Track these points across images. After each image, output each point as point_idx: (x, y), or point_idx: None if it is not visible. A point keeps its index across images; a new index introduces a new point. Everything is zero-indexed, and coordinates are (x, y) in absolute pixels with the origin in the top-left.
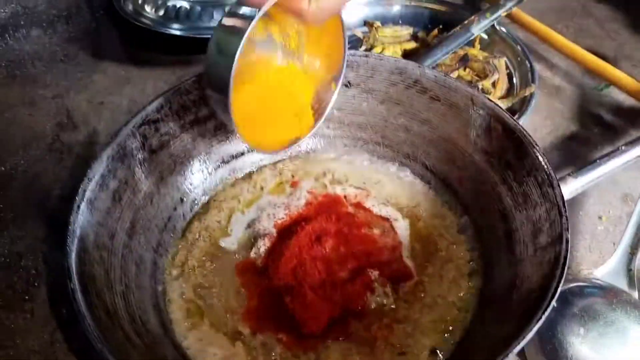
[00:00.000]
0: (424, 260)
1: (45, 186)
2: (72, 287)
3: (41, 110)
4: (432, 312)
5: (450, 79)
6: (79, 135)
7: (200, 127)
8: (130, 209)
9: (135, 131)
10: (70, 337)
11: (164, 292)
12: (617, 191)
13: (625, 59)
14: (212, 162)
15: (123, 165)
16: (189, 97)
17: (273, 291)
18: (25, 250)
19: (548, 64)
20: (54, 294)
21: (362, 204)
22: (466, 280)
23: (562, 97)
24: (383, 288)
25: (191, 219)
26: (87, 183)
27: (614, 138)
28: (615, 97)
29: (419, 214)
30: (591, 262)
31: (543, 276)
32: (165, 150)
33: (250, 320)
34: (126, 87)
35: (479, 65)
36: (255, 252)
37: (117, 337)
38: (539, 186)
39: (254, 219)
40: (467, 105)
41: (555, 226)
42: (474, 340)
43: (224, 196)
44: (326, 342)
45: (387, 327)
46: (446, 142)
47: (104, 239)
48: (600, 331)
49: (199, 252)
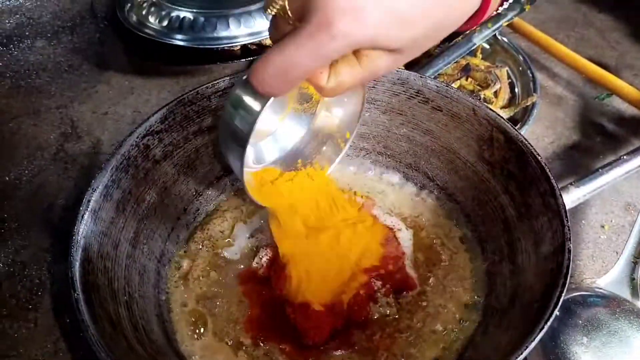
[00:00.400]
0: (427, 270)
1: (49, 196)
2: (76, 297)
3: (45, 120)
4: (435, 322)
5: (452, 89)
6: (83, 146)
7: (204, 138)
8: (134, 219)
9: (139, 142)
10: (73, 347)
11: (168, 301)
12: (620, 200)
13: (627, 69)
14: (216, 172)
15: (127, 175)
16: (192, 108)
17: (275, 301)
18: (29, 260)
19: (550, 73)
20: (57, 303)
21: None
22: (469, 290)
23: (564, 106)
24: (386, 298)
25: (194, 229)
26: (91, 193)
27: (616, 147)
28: (617, 107)
29: (422, 224)
30: (594, 271)
31: (546, 285)
32: (169, 161)
33: (252, 330)
34: (130, 97)
35: (481, 74)
36: (257, 262)
37: (121, 347)
38: (541, 196)
39: (257, 228)
40: (469, 115)
41: (558, 236)
42: (476, 350)
43: (227, 206)
44: (329, 352)
45: (389, 337)
46: (448, 152)
47: (107, 249)
48: (604, 340)
49: (202, 261)
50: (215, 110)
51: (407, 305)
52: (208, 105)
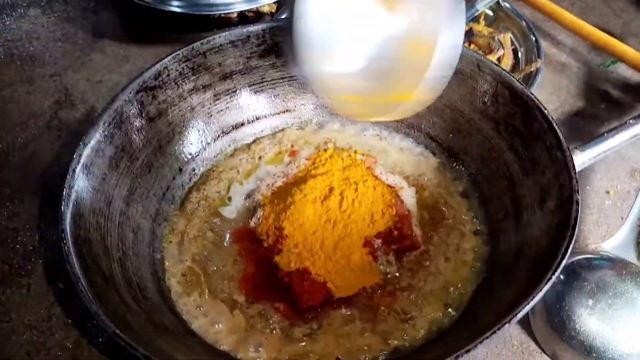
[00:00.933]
0: (431, 228)
1: (42, 163)
2: (67, 250)
3: (39, 88)
4: (437, 280)
5: None
6: (77, 113)
7: (199, 96)
8: (127, 177)
9: (133, 98)
10: (67, 312)
11: (162, 260)
12: (625, 166)
13: (632, 36)
14: (211, 132)
15: (120, 131)
16: (187, 65)
17: (270, 261)
18: (22, 227)
19: (554, 40)
20: (51, 269)
21: (371, 168)
22: (472, 248)
23: (568, 73)
24: (386, 257)
25: (190, 189)
26: (82, 148)
27: (621, 114)
28: (622, 74)
29: (424, 183)
30: (599, 236)
31: (552, 239)
32: (164, 119)
33: (246, 288)
34: (125, 65)
35: (484, 40)
36: (255, 222)
37: (114, 302)
38: (548, 150)
39: (254, 189)
40: (474, 71)
41: (565, 189)
42: (480, 307)
43: (223, 166)
44: (327, 311)
45: (390, 295)
46: (452, 110)
47: (100, 205)
48: (610, 302)
49: (199, 221)
50: (211, 68)
51: (408, 264)
52: (203, 63)
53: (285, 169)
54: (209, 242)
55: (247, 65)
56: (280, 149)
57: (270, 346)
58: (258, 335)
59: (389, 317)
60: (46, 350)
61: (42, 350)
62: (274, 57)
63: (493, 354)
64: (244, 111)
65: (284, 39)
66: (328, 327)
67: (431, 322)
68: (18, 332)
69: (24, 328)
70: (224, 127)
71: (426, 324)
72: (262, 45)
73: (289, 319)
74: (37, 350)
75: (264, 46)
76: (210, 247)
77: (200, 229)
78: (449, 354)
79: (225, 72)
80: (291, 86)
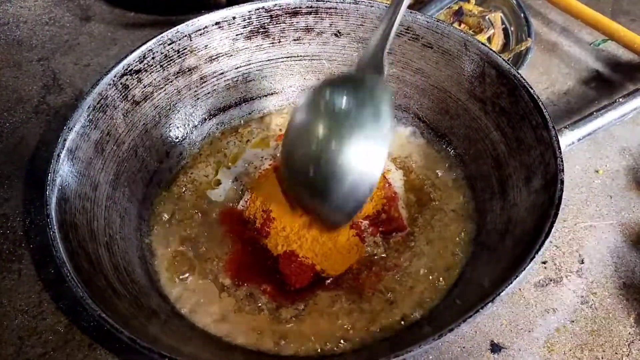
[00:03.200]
0: (417, 210)
1: (31, 148)
2: (52, 235)
3: (26, 72)
4: (423, 261)
5: (443, 24)
6: (65, 97)
7: (186, 79)
8: (113, 161)
9: (117, 81)
10: (57, 297)
11: (150, 244)
12: (614, 145)
13: (623, 14)
14: (198, 116)
15: (105, 115)
16: (172, 47)
17: (257, 242)
18: (11, 212)
19: (544, 19)
20: (41, 255)
21: None
22: (459, 228)
23: (559, 52)
24: (373, 238)
25: (177, 173)
26: (67, 132)
27: (611, 93)
28: (613, 52)
29: (411, 165)
30: (587, 215)
31: (537, 218)
32: (149, 102)
33: (233, 270)
34: (113, 48)
35: (474, 20)
36: (242, 205)
37: (100, 286)
38: (533, 130)
39: (241, 172)
40: (461, 51)
41: (550, 168)
42: (465, 285)
43: (210, 150)
44: (314, 291)
45: (375, 275)
46: (439, 91)
47: (86, 189)
48: None
49: (186, 204)
50: (197, 50)
51: (395, 244)
52: (189, 45)
53: (272, 152)
54: (197, 225)
55: (234, 47)
56: (267, 133)
57: (258, 327)
58: (247, 317)
59: (374, 297)
60: (38, 334)
61: (34, 335)
62: (261, 39)
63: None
64: (231, 93)
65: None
66: (314, 306)
67: (417, 302)
68: (9, 317)
69: (16, 313)
70: (211, 110)
71: (413, 303)
72: (248, 26)
73: (277, 300)
74: (29, 334)
75: (250, 27)
76: (198, 230)
77: (187, 213)
78: (434, 332)
79: (211, 54)
80: (278, 68)
